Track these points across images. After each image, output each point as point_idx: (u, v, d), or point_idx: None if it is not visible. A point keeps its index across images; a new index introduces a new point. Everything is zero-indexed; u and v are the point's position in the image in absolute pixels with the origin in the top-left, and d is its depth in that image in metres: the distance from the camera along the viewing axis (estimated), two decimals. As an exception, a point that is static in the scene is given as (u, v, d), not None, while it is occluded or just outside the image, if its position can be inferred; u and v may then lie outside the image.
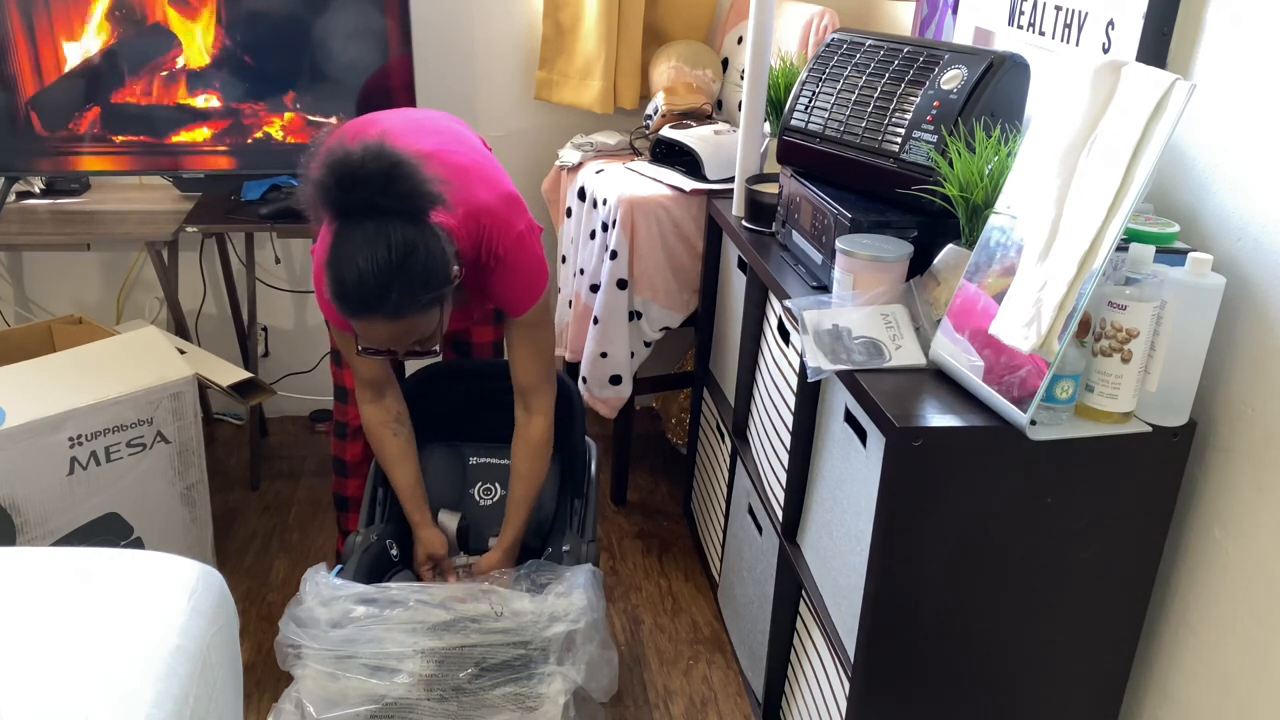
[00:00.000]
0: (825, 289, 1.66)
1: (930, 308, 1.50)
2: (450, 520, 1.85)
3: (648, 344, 2.44)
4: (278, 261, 2.88)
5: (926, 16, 2.18)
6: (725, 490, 2.21)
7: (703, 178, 2.33)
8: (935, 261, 1.53)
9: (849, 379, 1.41)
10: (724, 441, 2.24)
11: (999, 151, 1.45)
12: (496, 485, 1.94)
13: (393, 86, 2.48)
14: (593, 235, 2.42)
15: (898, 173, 1.64)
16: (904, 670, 1.44)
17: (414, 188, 1.47)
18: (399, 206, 1.46)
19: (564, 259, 2.65)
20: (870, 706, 1.46)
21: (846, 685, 1.51)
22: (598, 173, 2.46)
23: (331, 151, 1.44)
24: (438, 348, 1.62)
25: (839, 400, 1.53)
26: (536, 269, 1.70)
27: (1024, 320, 1.28)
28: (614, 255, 2.30)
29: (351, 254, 1.45)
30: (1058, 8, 1.64)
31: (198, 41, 2.40)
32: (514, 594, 1.57)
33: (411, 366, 2.07)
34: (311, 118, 2.49)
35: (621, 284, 2.32)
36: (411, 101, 2.49)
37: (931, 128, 1.60)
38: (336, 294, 1.47)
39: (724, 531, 2.22)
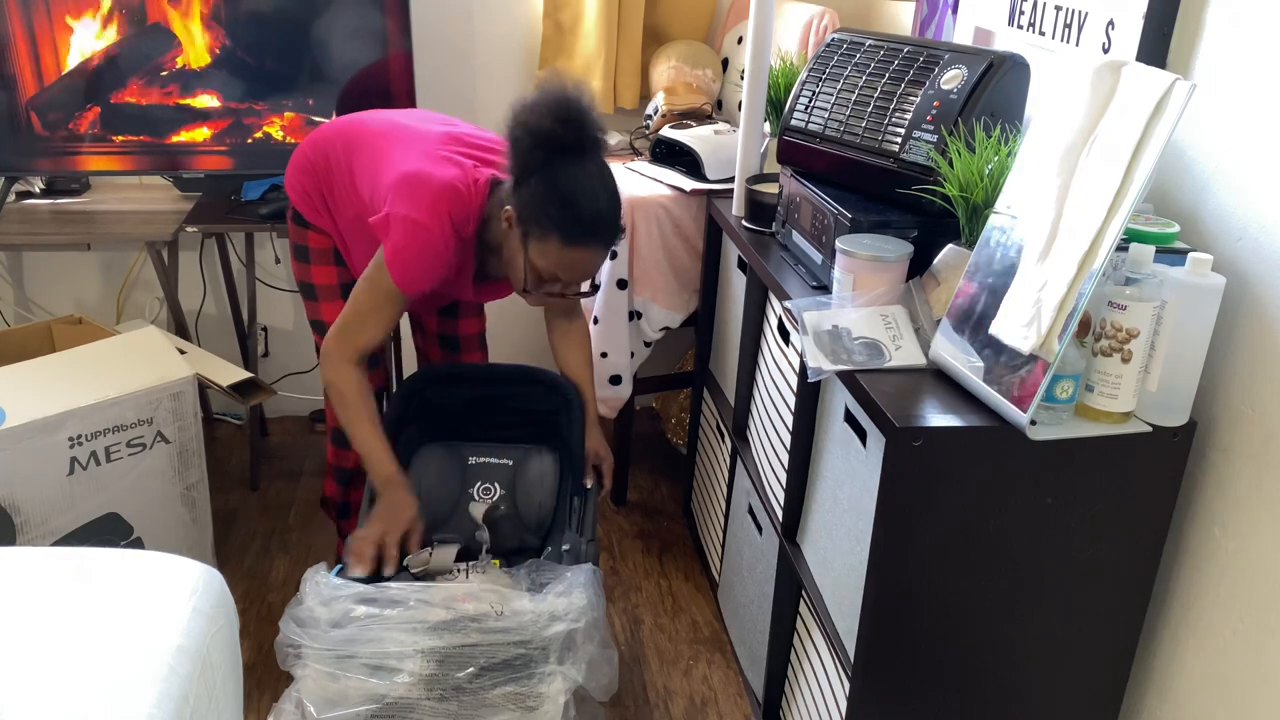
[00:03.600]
0: (825, 289, 1.66)
1: (930, 308, 1.50)
2: (447, 554, 1.83)
3: (648, 344, 2.44)
4: (278, 261, 2.88)
5: (926, 16, 2.18)
6: (725, 490, 2.21)
7: (703, 178, 2.33)
8: (935, 261, 1.53)
9: (849, 379, 1.41)
10: (724, 441, 2.24)
11: (999, 151, 1.45)
12: (496, 485, 1.93)
13: (392, 86, 2.48)
14: (593, 235, 2.42)
15: (898, 173, 1.64)
16: (904, 670, 1.44)
17: (604, 132, 1.64)
18: (602, 148, 1.64)
19: (564, 259, 2.65)
20: (870, 706, 1.46)
21: (846, 685, 1.51)
22: (598, 173, 2.46)
23: (549, 92, 1.57)
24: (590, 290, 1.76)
25: (839, 400, 1.54)
26: None
27: (1024, 320, 1.28)
28: (614, 255, 2.30)
29: (591, 185, 1.59)
30: (1058, 8, 1.64)
31: (198, 41, 2.40)
32: (514, 593, 1.57)
33: (409, 368, 2.06)
34: (311, 118, 2.49)
35: (621, 284, 2.32)
36: (412, 101, 2.49)
37: (931, 128, 1.60)
38: (573, 221, 1.58)
39: (724, 531, 2.22)
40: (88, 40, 2.36)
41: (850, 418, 1.49)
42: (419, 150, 1.72)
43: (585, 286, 1.74)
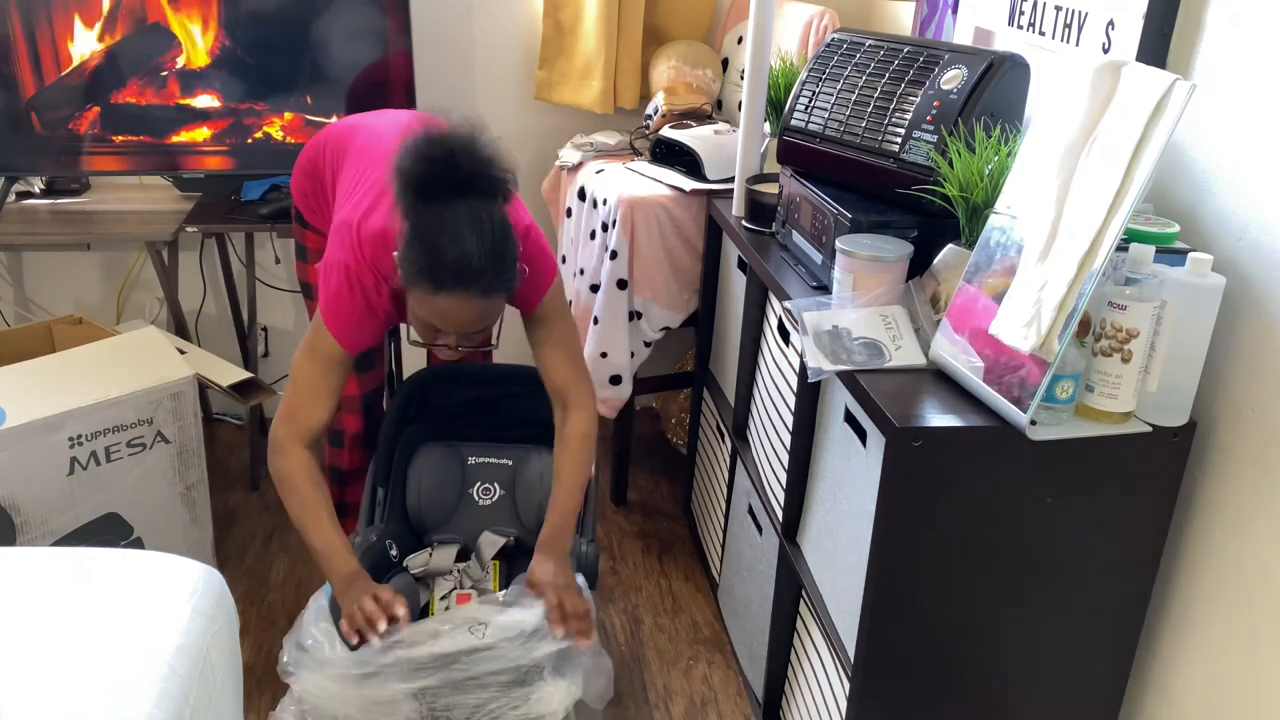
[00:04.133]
0: (825, 289, 1.66)
1: (930, 308, 1.50)
2: (447, 554, 1.83)
3: (648, 344, 2.44)
4: (278, 261, 2.88)
5: (926, 16, 2.18)
6: (725, 490, 2.21)
7: (703, 178, 2.33)
8: (935, 261, 1.53)
9: (849, 379, 1.41)
10: (724, 441, 2.24)
11: (999, 151, 1.45)
12: (495, 485, 1.94)
13: (392, 86, 2.48)
14: (593, 235, 2.42)
15: (898, 173, 1.64)
16: (904, 670, 1.44)
17: (505, 174, 1.52)
18: (496, 189, 1.52)
19: (564, 259, 2.65)
20: (870, 706, 1.46)
21: (846, 685, 1.51)
22: (598, 173, 2.46)
23: (435, 127, 1.48)
24: (495, 339, 1.63)
25: (839, 400, 1.54)
26: (546, 260, 1.72)
27: (1024, 320, 1.28)
28: (614, 255, 2.30)
29: (458, 228, 1.46)
30: (1058, 8, 1.64)
31: (198, 42, 2.40)
32: (498, 610, 1.56)
33: (410, 368, 2.06)
34: (311, 118, 2.49)
35: (621, 284, 2.32)
36: (411, 101, 2.49)
37: (931, 128, 1.60)
38: (432, 267, 1.47)
39: (724, 531, 2.22)
40: (88, 40, 2.36)
41: (850, 418, 1.49)
42: (376, 183, 1.66)
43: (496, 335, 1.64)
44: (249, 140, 2.49)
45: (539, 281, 1.71)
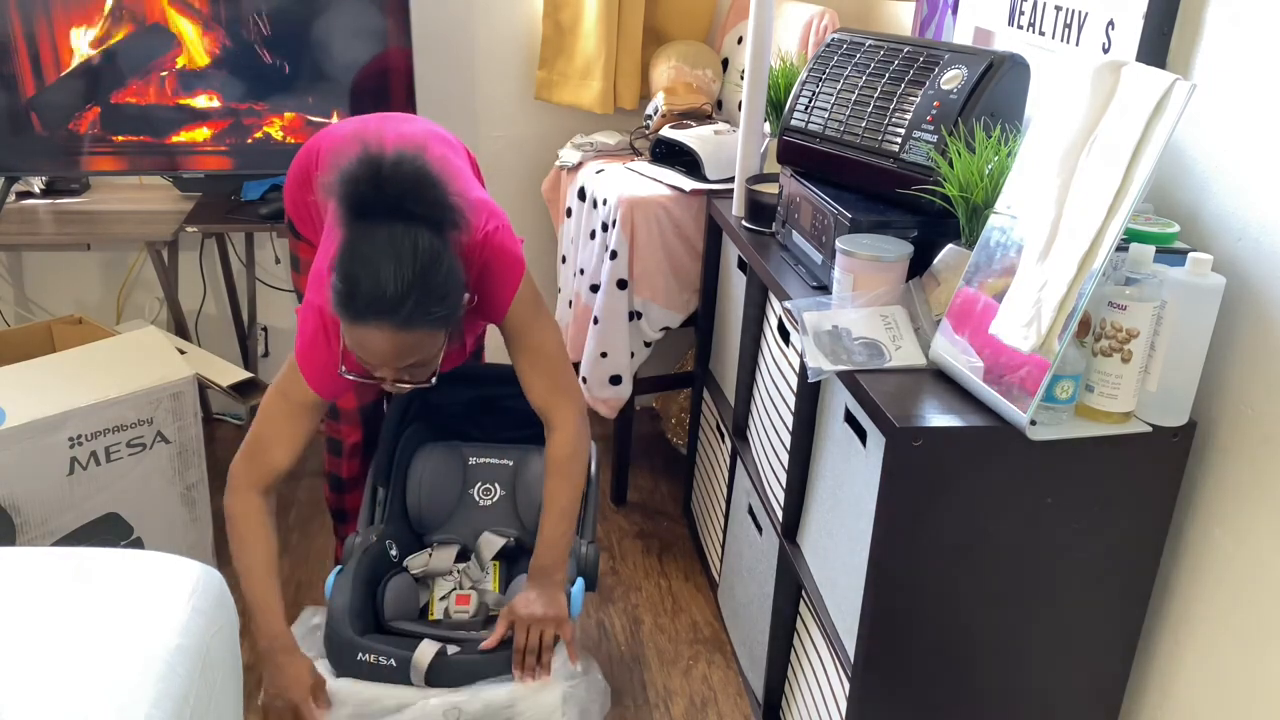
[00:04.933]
0: (825, 289, 1.66)
1: (930, 308, 1.50)
2: (447, 554, 1.83)
3: (648, 344, 2.44)
4: (278, 261, 2.88)
5: (926, 16, 2.18)
6: (725, 490, 2.21)
7: (703, 178, 2.33)
8: (935, 261, 1.53)
9: (849, 379, 1.41)
10: (724, 441, 2.24)
11: (999, 151, 1.45)
12: (496, 485, 1.94)
13: (392, 86, 2.48)
14: (593, 235, 2.42)
15: (898, 173, 1.64)
16: (904, 670, 1.44)
17: (443, 199, 1.42)
18: (427, 214, 1.41)
19: (564, 259, 2.65)
20: (870, 706, 1.46)
21: (846, 685, 1.51)
22: (598, 173, 2.46)
23: (368, 147, 1.39)
24: (433, 377, 1.52)
25: (839, 400, 1.53)
26: (507, 264, 1.60)
27: (1024, 320, 1.28)
28: (614, 255, 2.30)
29: (373, 253, 1.37)
30: (1058, 8, 1.64)
31: (198, 42, 2.40)
32: (472, 692, 1.55)
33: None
34: (311, 118, 2.49)
35: (621, 284, 2.32)
36: (411, 102, 2.49)
37: (931, 128, 1.60)
38: (346, 294, 1.38)
39: (724, 531, 2.22)
40: (87, 40, 2.36)
41: (850, 418, 1.49)
42: None
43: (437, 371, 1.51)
44: (249, 140, 2.49)
45: (499, 294, 1.61)
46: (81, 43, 2.36)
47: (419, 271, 1.38)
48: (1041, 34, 1.69)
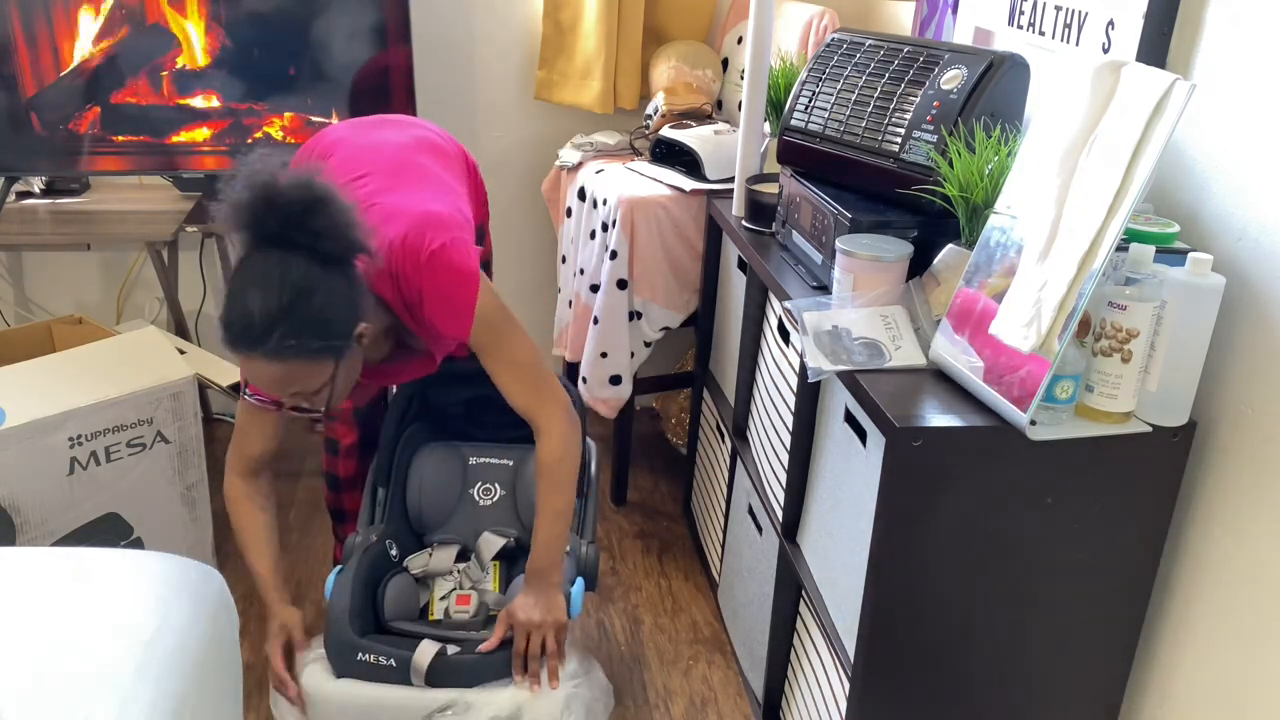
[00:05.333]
0: (825, 289, 1.66)
1: (930, 308, 1.50)
2: (447, 555, 1.83)
3: (648, 344, 2.44)
4: (278, 261, 2.88)
5: (926, 16, 2.18)
6: (725, 490, 2.21)
7: (703, 178, 2.33)
8: (935, 261, 1.53)
9: (849, 379, 1.41)
10: (724, 441, 2.24)
11: (999, 151, 1.45)
12: (496, 485, 1.94)
13: (392, 86, 2.48)
14: (592, 235, 2.42)
15: (898, 173, 1.64)
16: (904, 670, 1.44)
17: (333, 228, 1.40)
18: (310, 244, 1.39)
19: (564, 259, 2.65)
20: (870, 706, 1.46)
21: (846, 685, 1.51)
22: (598, 173, 2.46)
23: (257, 172, 1.38)
24: (325, 408, 1.50)
25: (839, 400, 1.53)
26: (455, 281, 1.52)
27: (1024, 320, 1.28)
28: (614, 255, 2.30)
29: (245, 283, 1.39)
30: (1058, 8, 1.64)
31: (197, 42, 2.40)
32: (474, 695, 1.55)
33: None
34: (311, 118, 2.49)
35: (621, 284, 2.32)
36: (411, 102, 2.49)
37: (931, 128, 1.60)
38: (220, 323, 1.40)
39: (724, 531, 2.22)
40: (87, 40, 2.36)
41: (850, 418, 1.49)
42: None
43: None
44: (249, 140, 2.49)
45: (452, 313, 1.54)
46: (81, 43, 2.36)
47: (287, 303, 1.37)
48: (1041, 34, 1.69)
